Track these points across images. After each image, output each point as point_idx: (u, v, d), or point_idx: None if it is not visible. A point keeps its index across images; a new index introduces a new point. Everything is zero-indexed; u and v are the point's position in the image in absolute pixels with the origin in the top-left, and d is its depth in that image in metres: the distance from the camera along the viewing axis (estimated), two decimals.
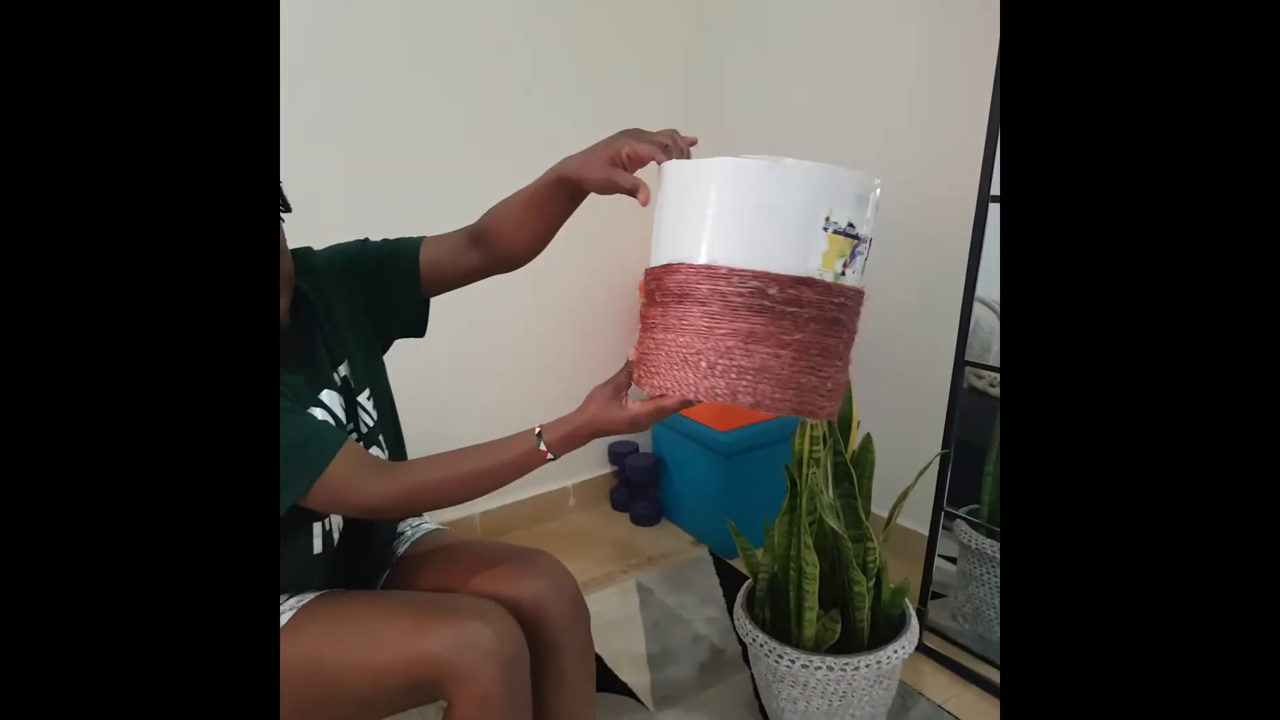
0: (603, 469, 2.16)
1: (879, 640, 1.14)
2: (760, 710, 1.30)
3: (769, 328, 0.63)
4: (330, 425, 0.84)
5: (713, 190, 0.66)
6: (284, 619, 0.81)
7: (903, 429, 1.60)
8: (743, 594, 1.25)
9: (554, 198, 0.86)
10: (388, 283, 0.94)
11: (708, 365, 0.65)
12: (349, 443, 0.78)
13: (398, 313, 0.96)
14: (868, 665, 1.09)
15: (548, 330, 1.97)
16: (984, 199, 1.27)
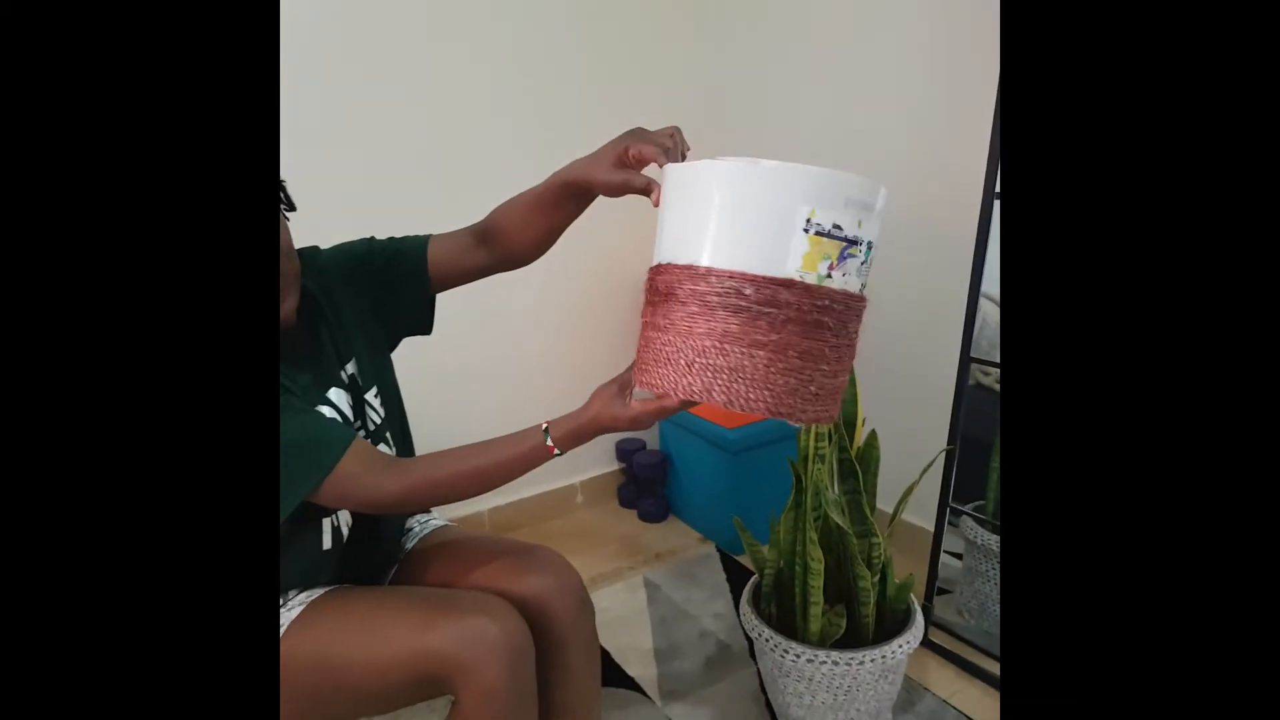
0: (610, 466, 2.17)
1: (884, 635, 1.14)
2: (766, 704, 1.31)
3: (744, 328, 0.64)
4: (339, 423, 0.85)
5: (694, 192, 0.67)
6: (292, 614, 0.82)
7: (909, 426, 1.60)
8: (748, 589, 1.26)
9: (561, 201, 0.87)
10: (394, 281, 0.94)
11: (686, 363, 0.66)
12: (359, 439, 0.79)
13: (405, 311, 0.97)
14: (872, 660, 1.09)
15: (553, 329, 1.98)
16: (989, 195, 1.27)
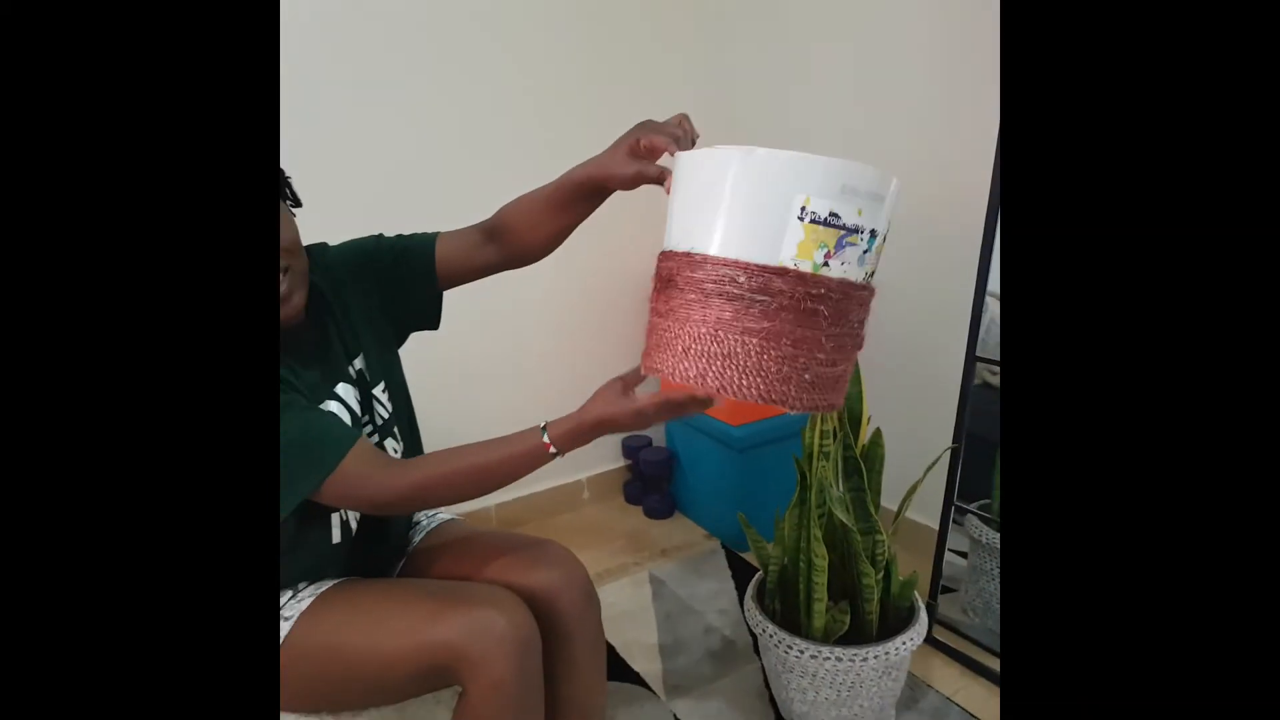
0: (616, 463, 2.18)
1: (888, 632, 1.15)
2: (770, 700, 1.31)
3: (737, 315, 0.64)
4: (343, 422, 0.85)
5: (693, 180, 0.68)
6: (302, 605, 0.83)
7: (915, 424, 1.60)
8: (753, 586, 1.27)
9: (573, 200, 0.87)
10: (402, 278, 0.95)
11: (683, 348, 0.66)
12: (362, 439, 0.79)
13: (413, 307, 0.98)
14: (875, 656, 1.10)
15: (559, 326, 1.99)
16: (995, 194, 1.27)
